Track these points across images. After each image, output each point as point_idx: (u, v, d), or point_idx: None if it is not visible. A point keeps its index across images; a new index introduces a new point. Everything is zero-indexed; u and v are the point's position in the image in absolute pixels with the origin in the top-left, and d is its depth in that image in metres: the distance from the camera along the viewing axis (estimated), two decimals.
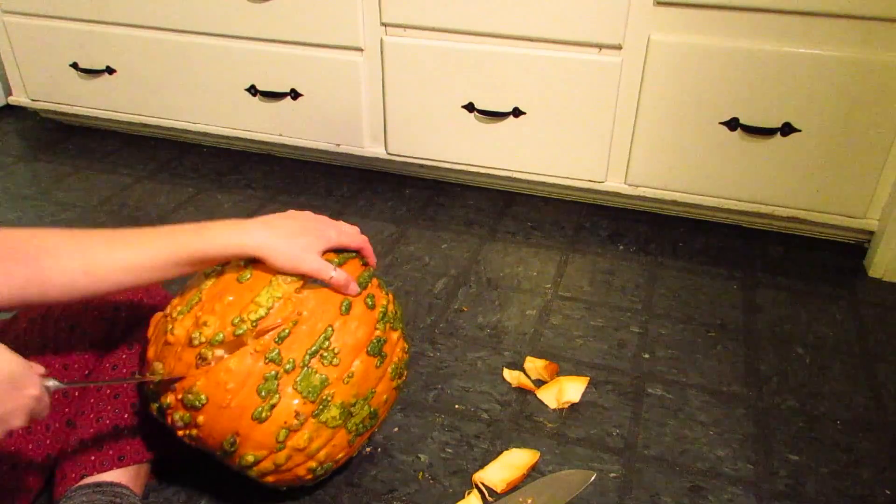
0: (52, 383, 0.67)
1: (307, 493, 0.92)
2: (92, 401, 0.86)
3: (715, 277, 1.35)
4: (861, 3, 1.18)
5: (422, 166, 1.64)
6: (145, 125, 1.84)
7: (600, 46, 1.36)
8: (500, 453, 0.96)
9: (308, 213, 0.84)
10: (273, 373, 0.75)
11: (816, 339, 1.20)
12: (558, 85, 1.40)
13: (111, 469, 0.82)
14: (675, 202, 1.47)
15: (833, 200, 1.35)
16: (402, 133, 1.57)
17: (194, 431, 0.78)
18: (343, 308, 0.79)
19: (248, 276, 0.78)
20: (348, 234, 0.84)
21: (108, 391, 0.86)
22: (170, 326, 0.78)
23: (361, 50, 1.51)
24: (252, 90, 1.64)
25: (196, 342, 0.76)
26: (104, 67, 1.75)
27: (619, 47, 1.35)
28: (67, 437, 0.85)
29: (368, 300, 0.82)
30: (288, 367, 0.76)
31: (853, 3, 1.18)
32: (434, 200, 1.61)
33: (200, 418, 0.76)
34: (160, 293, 0.96)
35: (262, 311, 0.75)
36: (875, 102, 1.25)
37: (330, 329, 0.78)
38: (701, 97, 1.33)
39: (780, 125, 1.31)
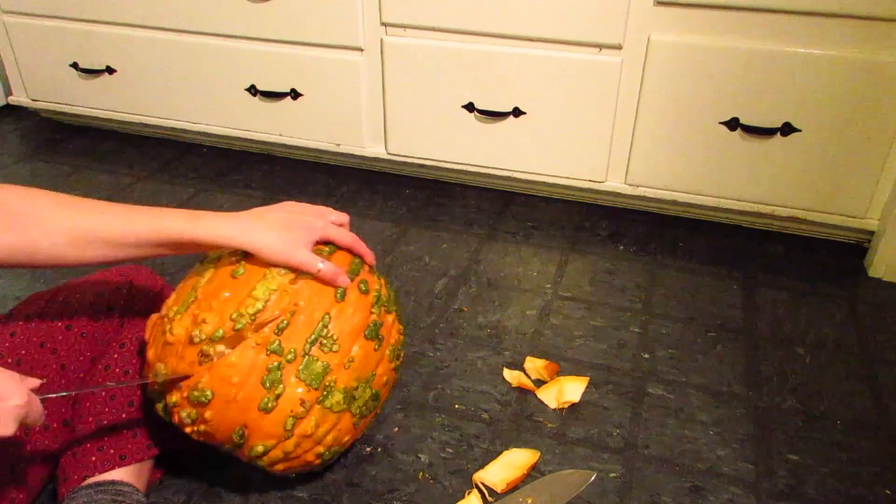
0: (50, 396, 0.69)
1: (307, 492, 0.92)
2: (88, 404, 0.85)
3: (715, 277, 1.35)
4: (861, 3, 1.18)
5: (422, 166, 1.64)
6: (145, 125, 1.84)
7: (600, 46, 1.36)
8: (500, 453, 0.96)
9: (300, 205, 0.85)
10: (276, 363, 0.76)
11: (816, 339, 1.20)
12: (558, 85, 1.40)
13: (113, 469, 0.82)
14: (675, 202, 1.47)
15: (833, 200, 1.35)
16: (402, 133, 1.57)
17: (202, 427, 0.79)
18: (338, 295, 0.81)
19: (242, 270, 0.79)
20: (337, 229, 0.85)
21: (105, 393, 0.86)
22: (168, 327, 0.79)
23: (361, 50, 1.51)
24: (252, 90, 1.64)
25: (197, 339, 0.76)
26: (104, 67, 1.76)
27: (619, 47, 1.35)
28: (67, 438, 0.85)
29: (362, 286, 0.83)
30: (289, 357, 0.77)
31: (853, 3, 1.18)
32: (434, 200, 1.61)
33: (208, 414, 0.77)
34: (153, 290, 0.96)
35: (259, 305, 0.77)
36: (875, 102, 1.25)
37: (327, 317, 0.79)
38: (701, 97, 1.33)
39: (780, 125, 1.31)
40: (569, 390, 1.06)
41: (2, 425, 0.63)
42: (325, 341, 0.79)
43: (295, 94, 1.61)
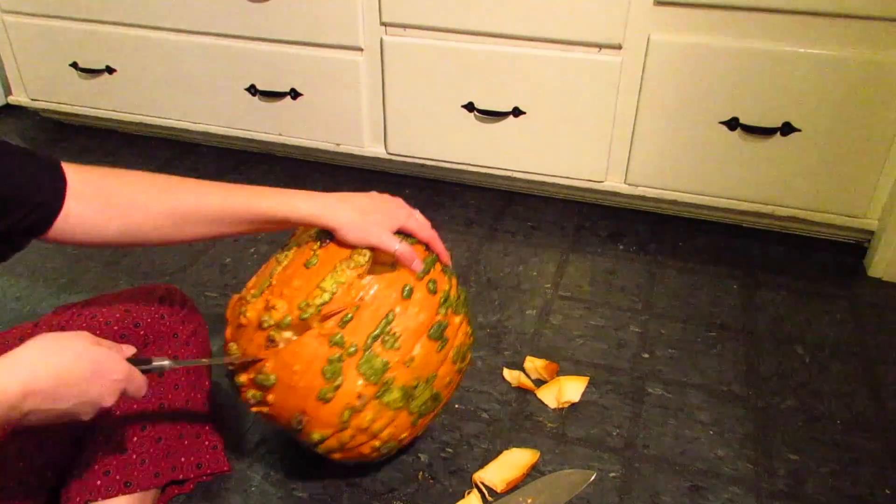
0: (158, 364, 0.75)
1: (307, 492, 0.92)
2: (102, 422, 0.83)
3: (715, 277, 1.35)
4: (861, 3, 1.18)
5: (422, 166, 1.64)
6: (145, 125, 1.84)
7: (600, 46, 1.36)
8: (500, 453, 0.96)
9: (386, 196, 0.88)
10: (337, 355, 0.78)
11: (816, 339, 1.20)
12: (558, 85, 1.40)
13: (116, 496, 0.81)
14: (675, 202, 1.47)
15: (833, 200, 1.35)
16: (402, 133, 1.57)
17: (265, 409, 0.82)
18: (405, 293, 0.82)
19: (315, 261, 0.81)
20: (418, 222, 0.87)
21: (119, 413, 0.84)
22: (243, 309, 0.82)
23: (361, 50, 1.51)
24: (252, 90, 1.64)
25: (265, 325, 0.79)
26: (104, 67, 1.75)
27: (619, 47, 1.35)
28: (74, 457, 0.84)
29: (430, 285, 0.84)
30: (351, 350, 0.79)
31: (853, 3, 1.18)
32: (434, 200, 1.61)
33: (270, 397, 0.81)
34: (182, 309, 0.93)
35: (326, 296, 0.78)
36: (875, 102, 1.25)
37: (391, 314, 0.80)
38: (701, 97, 1.33)
39: (780, 125, 1.31)
40: (568, 390, 1.06)
41: (105, 397, 0.68)
42: (387, 338, 0.80)
43: (295, 94, 1.61)
